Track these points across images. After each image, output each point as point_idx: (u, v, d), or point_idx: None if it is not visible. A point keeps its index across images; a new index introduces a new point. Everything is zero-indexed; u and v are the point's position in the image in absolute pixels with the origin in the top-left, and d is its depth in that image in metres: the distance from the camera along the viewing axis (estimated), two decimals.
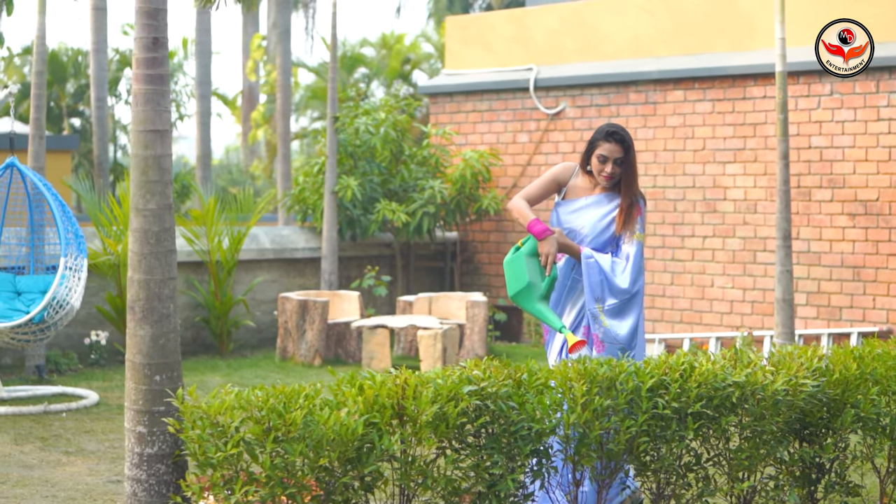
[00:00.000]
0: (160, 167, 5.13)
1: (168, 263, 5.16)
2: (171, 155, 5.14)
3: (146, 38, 5.12)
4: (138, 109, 5.14)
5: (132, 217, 5.19)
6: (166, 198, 5.16)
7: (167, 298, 5.19)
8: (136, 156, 5.16)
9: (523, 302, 6.16)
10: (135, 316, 5.20)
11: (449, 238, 15.63)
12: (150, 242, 5.13)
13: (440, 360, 11.85)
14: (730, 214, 13.57)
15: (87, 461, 7.94)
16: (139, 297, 5.18)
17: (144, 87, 5.12)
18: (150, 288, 5.16)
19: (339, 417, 4.81)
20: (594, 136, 6.36)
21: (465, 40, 15.94)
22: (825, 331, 12.82)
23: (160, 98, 5.13)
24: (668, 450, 5.63)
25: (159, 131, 5.13)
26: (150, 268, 5.15)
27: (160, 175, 5.12)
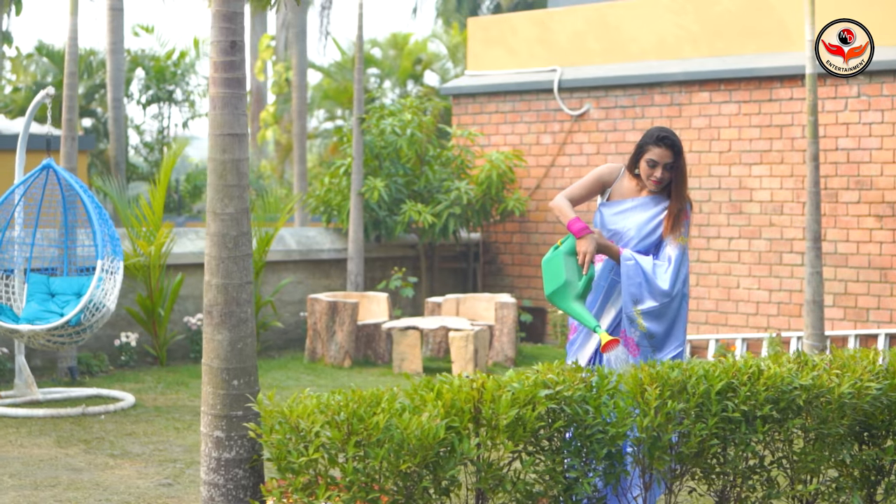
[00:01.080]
0: (238, 171, 5.12)
1: (246, 267, 5.15)
2: (248, 158, 5.14)
3: (224, 42, 5.11)
4: (216, 113, 5.13)
5: (209, 221, 5.18)
6: (244, 202, 5.16)
7: (245, 303, 5.18)
8: (214, 160, 5.15)
9: (559, 301, 6.12)
10: (212, 320, 5.19)
11: (472, 239, 15.64)
12: (227, 246, 5.13)
13: (471, 361, 11.85)
14: (756, 216, 13.58)
15: (134, 464, 7.94)
16: (217, 301, 5.17)
17: (222, 91, 5.11)
18: (229, 292, 5.15)
19: (419, 422, 4.81)
20: (643, 140, 6.29)
21: (488, 41, 15.94)
22: (852, 332, 12.83)
23: (238, 102, 5.12)
24: (736, 452, 5.64)
25: (237, 135, 5.12)
26: (228, 272, 5.14)
27: (238, 179, 5.12)
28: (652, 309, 6.12)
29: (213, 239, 5.15)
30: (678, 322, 6.24)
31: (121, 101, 18.35)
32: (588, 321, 6.01)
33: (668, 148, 6.20)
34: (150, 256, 11.87)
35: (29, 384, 10.12)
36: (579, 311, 6.05)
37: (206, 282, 5.22)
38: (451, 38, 28.26)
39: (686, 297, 6.28)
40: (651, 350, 6.17)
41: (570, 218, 6.17)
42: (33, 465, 7.85)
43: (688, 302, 6.31)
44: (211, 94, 5.16)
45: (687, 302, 6.30)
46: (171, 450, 8.37)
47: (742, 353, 13.39)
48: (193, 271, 12.84)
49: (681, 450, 5.45)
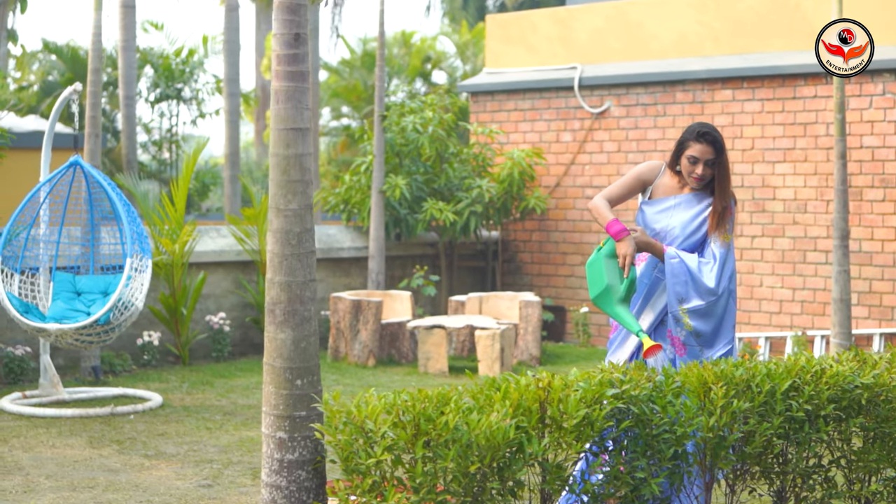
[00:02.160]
0: (301, 166, 5.02)
1: (309, 265, 5.04)
2: (311, 154, 5.04)
3: (287, 35, 5.01)
4: (279, 107, 5.03)
5: (272, 217, 5.08)
6: (307, 198, 5.06)
7: (308, 301, 5.08)
8: (277, 155, 5.05)
9: (603, 304, 6.03)
10: (275, 319, 5.09)
11: (491, 238, 15.56)
12: (291, 244, 5.02)
13: (498, 360, 11.76)
14: (779, 214, 13.50)
15: (170, 465, 7.84)
16: (280, 299, 5.07)
17: (286, 85, 5.01)
18: (292, 290, 5.05)
19: (489, 422, 4.72)
20: (684, 137, 6.18)
21: (507, 39, 15.86)
22: (877, 331, 12.76)
23: (301, 95, 5.01)
24: (798, 452, 5.56)
25: (301, 129, 5.02)
26: (291, 269, 5.04)
27: (301, 174, 5.01)
28: (698, 308, 6.01)
29: (276, 236, 5.04)
30: (726, 319, 6.12)
31: (133, 99, 18.26)
32: (631, 325, 5.93)
33: (709, 144, 6.09)
34: (173, 255, 11.78)
35: (55, 384, 10.03)
36: (623, 314, 5.97)
37: (269, 279, 5.11)
38: (460, 37, 28.20)
39: (733, 294, 6.17)
40: (699, 349, 6.07)
41: (609, 220, 6.08)
42: (68, 466, 7.76)
43: (735, 299, 6.21)
44: (274, 88, 5.06)
45: (734, 299, 6.19)
46: (206, 450, 8.28)
47: (766, 352, 13.32)
48: (215, 270, 12.76)
49: (745, 449, 5.37)
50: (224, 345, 12.48)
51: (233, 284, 12.95)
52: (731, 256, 6.19)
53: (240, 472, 7.62)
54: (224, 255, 12.79)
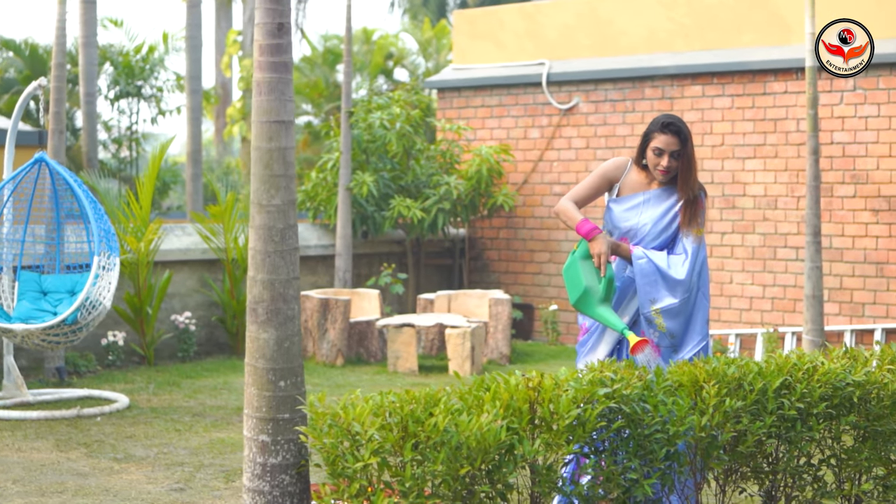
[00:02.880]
0: (285, 160, 4.85)
1: (293, 262, 4.88)
2: (294, 147, 4.88)
3: (270, 24, 4.84)
4: (262, 99, 4.86)
5: (254, 213, 4.90)
6: (291, 193, 4.89)
7: (292, 299, 4.91)
8: (259, 148, 4.88)
9: (584, 308, 5.86)
10: (257, 318, 4.91)
11: (458, 235, 15.41)
12: (274, 240, 4.85)
13: (468, 359, 11.63)
14: (749, 210, 13.43)
15: (140, 468, 7.66)
16: (263, 297, 4.90)
17: (269, 76, 4.84)
18: (275, 288, 4.88)
19: (480, 423, 4.58)
20: (649, 129, 6.01)
21: (474, 35, 15.72)
22: (848, 327, 12.71)
23: (285, 87, 4.85)
24: (790, 451, 5.45)
25: (284, 122, 4.85)
26: (274, 267, 4.87)
27: (285, 168, 4.85)
28: (671, 307, 5.86)
29: (259, 232, 4.87)
30: (697, 317, 5.97)
31: (94, 97, 17.99)
32: (615, 325, 5.77)
33: (673, 135, 5.92)
34: (138, 253, 11.57)
35: (18, 385, 9.81)
36: (606, 314, 5.81)
37: (251, 277, 4.94)
38: (422, 34, 28.02)
39: (704, 290, 6.03)
40: (672, 349, 5.94)
41: (578, 220, 5.93)
42: (36, 471, 7.56)
43: (707, 296, 6.06)
44: (256, 79, 4.88)
45: (706, 296, 6.04)
46: (176, 453, 8.10)
47: (736, 349, 13.25)
48: (180, 268, 12.56)
49: (738, 449, 5.26)
50: (190, 344, 12.28)
51: (198, 283, 12.75)
52: (703, 251, 6.05)
53: (212, 476, 7.45)
54: (190, 253, 12.59)
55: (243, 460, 5.05)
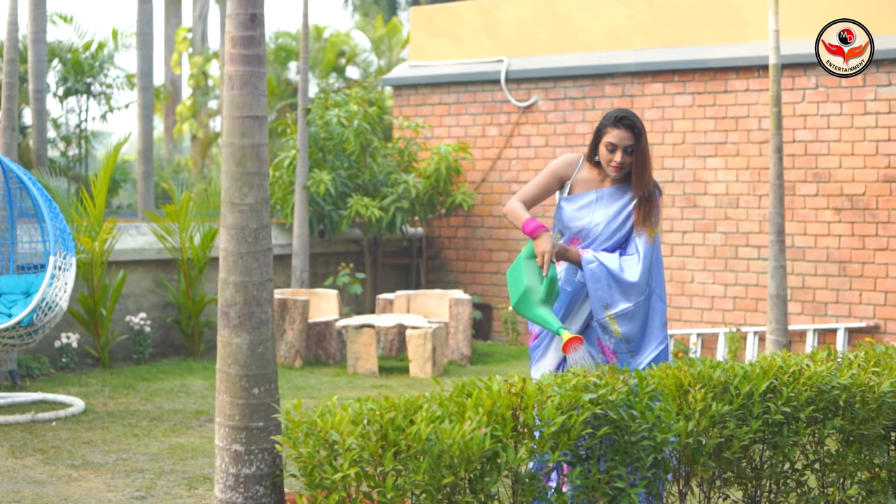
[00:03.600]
0: (258, 157, 4.64)
1: (266, 263, 4.67)
2: (267, 144, 4.68)
3: (243, 15, 4.63)
4: (234, 94, 4.65)
5: (225, 213, 4.69)
6: (264, 191, 4.68)
7: (266, 302, 4.70)
8: (232, 144, 4.67)
9: (524, 309, 5.63)
10: (229, 322, 4.70)
11: (415, 234, 15.23)
12: (247, 241, 4.64)
13: (430, 360, 11.45)
14: (711, 209, 13.34)
15: (99, 475, 7.43)
16: (235, 301, 4.69)
17: (241, 69, 4.63)
18: (248, 291, 4.67)
19: (463, 431, 4.41)
20: (601, 123, 5.76)
21: (431, 31, 15.54)
22: (810, 326, 12.64)
23: (258, 81, 4.64)
24: (776, 456, 5.31)
25: (258, 117, 4.65)
26: (247, 269, 4.66)
27: (258, 166, 4.64)
28: (626, 311, 5.67)
29: (231, 232, 4.66)
30: (654, 320, 5.77)
31: (43, 94, 17.64)
32: (552, 324, 5.54)
33: (627, 129, 5.70)
34: (92, 253, 11.31)
35: None
36: (544, 315, 5.58)
37: (223, 279, 4.73)
38: (374, 31, 27.81)
39: (659, 292, 5.84)
40: (629, 354, 5.76)
41: (524, 219, 5.72)
42: None
43: (664, 298, 5.88)
44: (228, 73, 4.68)
45: (663, 298, 5.85)
46: (136, 459, 7.86)
47: (698, 349, 13.15)
48: (135, 268, 12.30)
49: (724, 455, 5.11)
50: (145, 346, 12.03)
51: (153, 283, 12.50)
52: (658, 251, 5.86)
53: (174, 483, 7.23)
54: (144, 253, 12.33)
55: (215, 470, 4.84)
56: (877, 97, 12.39)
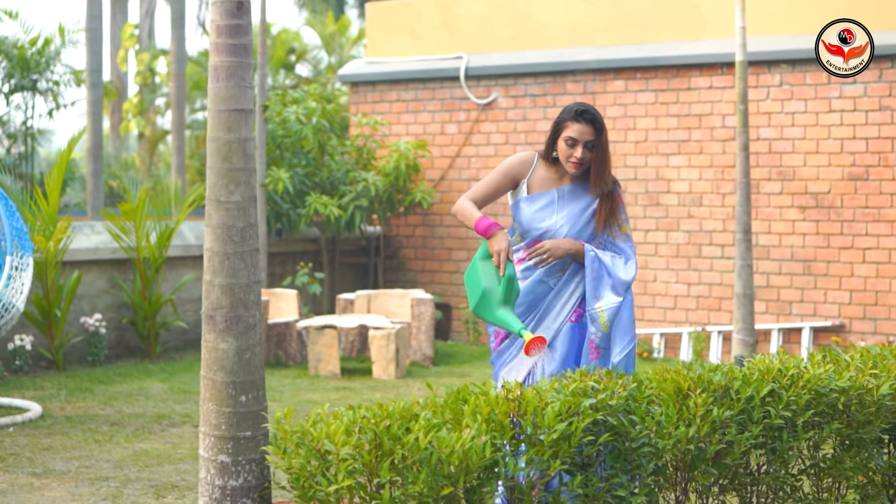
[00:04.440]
0: (245, 152, 4.41)
1: (253, 264, 4.44)
2: (253, 138, 4.44)
3: (229, 3, 4.39)
4: (220, 86, 4.42)
5: (210, 211, 4.45)
6: (251, 188, 4.44)
7: (253, 305, 4.47)
8: (217, 139, 4.44)
9: (484, 312, 5.36)
10: (215, 326, 4.46)
11: (372, 233, 15.00)
12: (234, 240, 4.41)
13: (393, 361, 11.24)
14: (674, 207, 13.21)
15: (62, 483, 7.16)
16: (221, 304, 4.44)
17: (227, 60, 4.40)
18: (235, 294, 4.43)
19: (463, 439, 4.21)
20: (561, 117, 5.55)
21: (389, 27, 15.32)
22: (775, 325, 12.55)
23: (244, 72, 4.40)
24: (776, 461, 5.15)
25: (244, 111, 4.42)
26: (234, 270, 4.42)
27: (245, 161, 4.41)
28: (615, 305, 5.53)
29: (216, 232, 4.42)
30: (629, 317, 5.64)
31: None
32: (512, 325, 5.29)
33: (588, 123, 5.48)
34: (46, 253, 11.00)
35: None
36: (504, 317, 5.31)
37: (208, 282, 4.49)
38: (324, 28, 27.53)
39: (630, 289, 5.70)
40: (607, 351, 5.58)
41: (476, 218, 5.46)
42: None
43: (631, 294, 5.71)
44: (213, 64, 4.44)
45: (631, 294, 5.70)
46: (99, 466, 7.60)
47: (661, 349, 13.03)
48: (89, 269, 11.99)
49: (725, 461, 4.94)
50: (100, 348, 11.73)
51: (108, 284, 12.19)
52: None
53: (140, 491, 6.98)
54: (99, 252, 12.03)
55: (199, 482, 4.60)
56: (842, 95, 12.31)
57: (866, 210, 12.23)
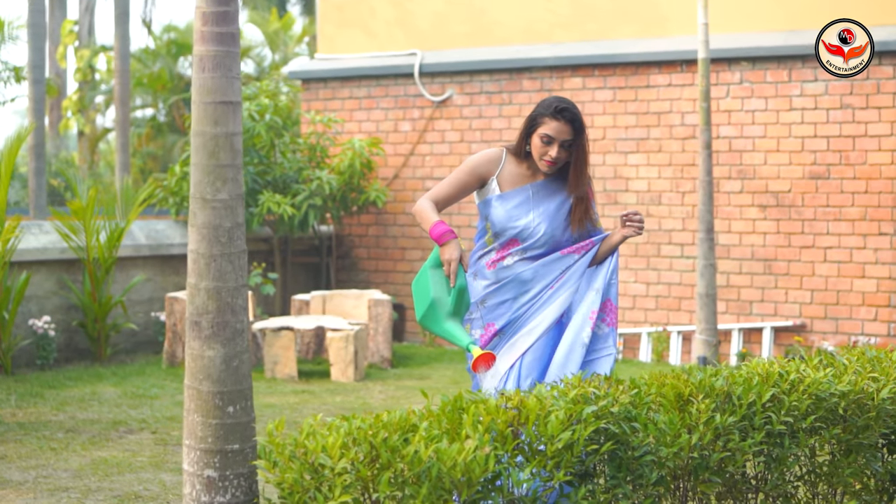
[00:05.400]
0: (233, 148, 4.15)
1: (241, 267, 4.18)
2: (242, 133, 4.19)
3: None
4: (206, 77, 4.15)
5: (196, 210, 4.19)
6: (239, 185, 4.18)
7: (241, 310, 4.21)
8: (203, 134, 4.17)
9: (431, 323, 5.10)
10: (201, 333, 4.19)
11: (324, 232, 14.74)
12: (221, 241, 4.14)
13: (352, 364, 11.00)
14: (632, 206, 13.06)
15: (20, 495, 6.85)
16: (207, 309, 4.18)
17: (214, 49, 4.13)
18: (222, 298, 4.17)
19: (465, 450, 3.99)
20: (538, 111, 5.26)
21: (342, 22, 15.06)
22: (735, 325, 12.44)
23: (232, 62, 4.15)
24: (778, 469, 4.98)
25: (232, 103, 4.16)
26: (221, 273, 4.16)
27: (233, 158, 4.15)
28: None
29: (202, 232, 4.16)
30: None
31: None
32: (460, 340, 5.04)
33: (567, 122, 5.19)
34: None
35: None
36: (453, 330, 5.05)
37: (193, 285, 4.23)
38: (268, 25, 27.22)
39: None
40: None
41: (433, 222, 5.14)
42: None
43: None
44: (199, 53, 4.18)
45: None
46: (57, 476, 7.30)
47: (621, 350, 12.88)
48: (38, 269, 11.65)
49: (727, 469, 4.76)
50: (49, 351, 11.40)
51: (56, 285, 11.85)
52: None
53: (103, 502, 6.69)
54: (48, 252, 11.68)
55: (183, 499, 4.34)
56: (802, 93, 12.22)
57: (827, 209, 12.15)
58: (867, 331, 11.97)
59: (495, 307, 5.42)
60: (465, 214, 13.56)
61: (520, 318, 5.42)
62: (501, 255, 5.43)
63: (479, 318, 5.44)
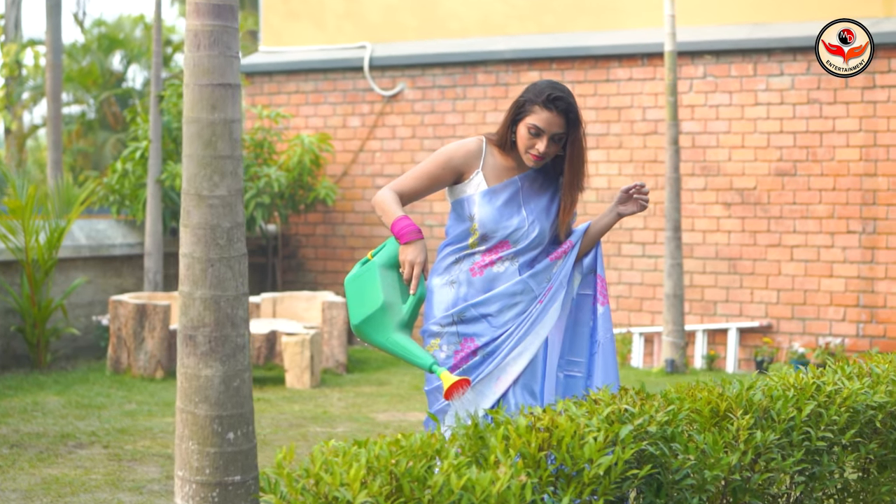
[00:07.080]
0: (232, 137, 3.63)
1: (242, 273, 3.65)
2: (241, 120, 3.68)
3: None
4: (201, 55, 3.62)
5: (191, 208, 3.66)
6: (239, 180, 3.66)
7: (242, 322, 3.68)
8: (198, 120, 3.65)
9: (373, 332, 4.39)
10: (196, 349, 3.65)
11: (269, 232, 14.21)
12: (219, 244, 3.62)
13: (307, 369, 10.50)
14: (591, 204, 12.66)
15: None
16: (204, 321, 3.65)
17: (210, 24, 3.61)
18: (221, 308, 3.64)
19: (500, 480, 3.52)
20: (526, 97, 4.63)
21: (288, 14, 14.53)
22: (699, 326, 12.07)
23: (231, 39, 3.62)
24: (816, 489, 4.57)
25: (230, 86, 3.64)
26: (219, 280, 3.63)
27: (232, 148, 3.63)
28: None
29: (198, 233, 3.64)
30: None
31: None
32: (418, 358, 4.38)
33: (560, 113, 4.58)
34: None
35: None
36: (404, 343, 4.40)
37: (186, 294, 3.72)
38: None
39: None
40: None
41: (396, 216, 4.49)
42: None
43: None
44: (192, 28, 3.66)
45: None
46: (6, 497, 6.74)
47: None
48: None
49: (769, 491, 4.35)
50: None
51: None
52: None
53: None
54: None
55: None
56: (768, 87, 11.88)
57: (794, 206, 11.82)
58: (835, 331, 11.67)
59: (474, 321, 4.76)
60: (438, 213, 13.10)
61: (507, 337, 4.86)
62: (490, 259, 4.86)
63: (453, 332, 4.73)
